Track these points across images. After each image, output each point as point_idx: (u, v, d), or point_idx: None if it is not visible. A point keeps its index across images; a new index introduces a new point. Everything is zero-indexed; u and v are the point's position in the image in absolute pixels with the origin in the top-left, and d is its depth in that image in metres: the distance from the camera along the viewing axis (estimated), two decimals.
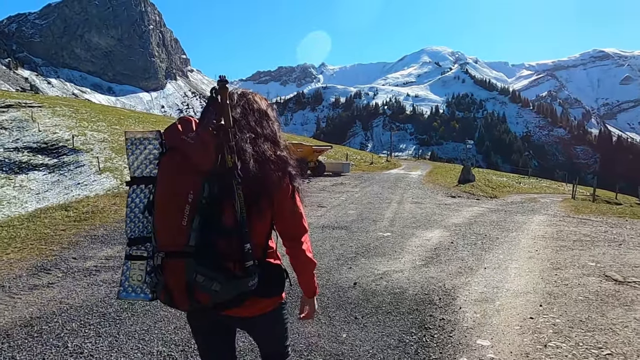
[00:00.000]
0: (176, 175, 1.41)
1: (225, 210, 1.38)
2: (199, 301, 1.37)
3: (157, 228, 1.43)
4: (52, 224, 7.72)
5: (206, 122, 1.45)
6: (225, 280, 1.37)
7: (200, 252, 1.35)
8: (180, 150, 1.42)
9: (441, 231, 7.56)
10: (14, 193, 21.94)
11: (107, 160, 25.08)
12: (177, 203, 1.37)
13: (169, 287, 1.40)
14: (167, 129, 1.50)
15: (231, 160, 1.38)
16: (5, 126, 31.32)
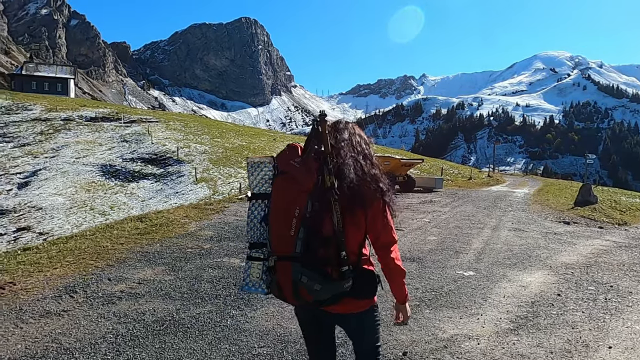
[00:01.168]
0: (286, 194, 1.76)
1: (325, 222, 1.71)
2: (303, 298, 1.73)
3: (271, 236, 1.80)
4: (116, 237, 7.69)
5: (310, 149, 1.80)
6: (324, 282, 1.68)
7: (304, 257, 1.70)
8: (289, 173, 1.78)
9: (545, 274, 5.82)
10: (125, 199, 24.11)
11: (205, 171, 26.48)
12: (286, 217, 1.73)
13: (280, 285, 1.77)
14: (278, 155, 1.85)
15: (329, 181, 1.72)
16: (127, 139, 35.11)
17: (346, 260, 1.71)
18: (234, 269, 5.80)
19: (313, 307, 1.84)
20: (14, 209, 22.79)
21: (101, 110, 45.86)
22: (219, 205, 13.05)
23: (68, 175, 27.23)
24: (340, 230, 1.71)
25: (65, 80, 70.68)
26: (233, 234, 8.25)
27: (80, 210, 22.25)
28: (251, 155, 31.27)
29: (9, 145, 33.42)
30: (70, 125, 38.63)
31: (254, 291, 1.89)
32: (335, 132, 1.90)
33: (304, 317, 2.00)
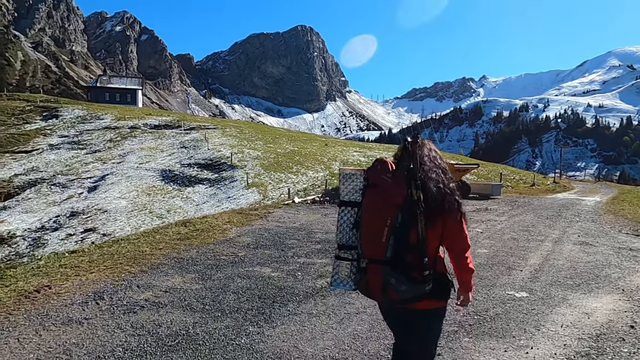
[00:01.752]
0: (378, 205, 2.03)
1: (412, 232, 1.95)
2: (389, 296, 2.01)
3: (362, 241, 2.07)
4: (157, 241, 7.79)
5: (401, 166, 2.05)
6: (410, 284, 1.95)
7: (393, 262, 1.97)
8: (380, 186, 2.05)
9: (615, 299, 4.98)
10: (181, 203, 25.05)
11: (256, 176, 26.89)
12: (379, 226, 1.99)
13: (369, 284, 2.05)
14: (369, 169, 2.14)
15: (416, 195, 1.96)
16: (186, 145, 36.65)
17: (427, 265, 1.99)
18: (263, 279, 5.57)
19: (395, 305, 2.13)
20: (82, 211, 24.43)
21: (164, 119, 48.37)
22: (264, 210, 13.03)
23: (131, 179, 28.82)
24: (423, 238, 1.97)
25: (134, 91, 75.66)
26: (270, 242, 8.06)
27: (140, 213, 23.38)
28: (302, 159, 31.13)
29: (82, 151, 36.08)
30: (135, 133, 41.05)
31: (342, 287, 2.22)
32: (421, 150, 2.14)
33: (386, 311, 2.35)
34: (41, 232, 22.39)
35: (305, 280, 5.53)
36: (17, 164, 32.49)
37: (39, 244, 20.92)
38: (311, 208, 14.54)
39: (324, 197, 16.64)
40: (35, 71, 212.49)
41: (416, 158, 2.04)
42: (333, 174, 28.15)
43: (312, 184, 25.56)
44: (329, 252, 7.29)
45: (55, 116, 46.53)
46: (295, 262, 6.56)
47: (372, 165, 2.16)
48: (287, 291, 5.06)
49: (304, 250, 7.36)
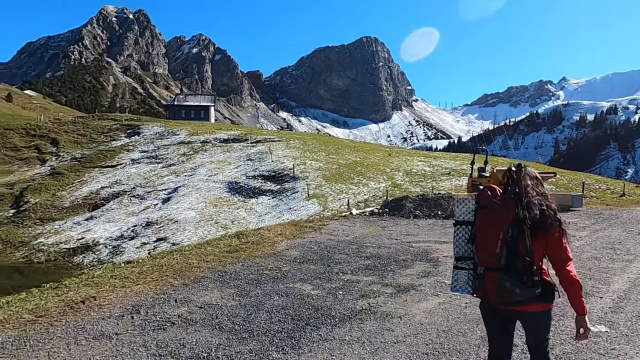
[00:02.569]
0: (491, 223, 2.41)
1: (521, 244, 2.33)
2: (504, 298, 2.36)
3: (479, 253, 2.47)
4: (206, 254, 7.84)
5: (509, 190, 2.43)
6: (522, 287, 2.30)
7: (507, 268, 2.33)
8: (491, 207, 2.43)
9: None
10: (245, 214, 25.73)
11: (317, 188, 26.90)
12: (493, 239, 2.38)
13: (486, 288, 2.43)
14: (479, 193, 2.53)
15: (522, 214, 2.34)
16: (252, 158, 37.85)
17: (536, 272, 2.34)
18: (301, 297, 5.28)
19: (508, 305, 2.44)
20: (156, 221, 25.97)
21: (232, 133, 50.52)
22: (319, 222, 12.80)
23: (201, 191, 30.23)
24: (531, 250, 2.33)
25: (207, 108, 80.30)
26: (318, 256, 7.77)
27: (207, 224, 24.35)
28: (363, 170, 30.58)
29: (159, 165, 38.65)
30: (206, 147, 43.23)
31: (461, 292, 2.63)
32: (522, 177, 2.49)
33: (488, 313, 2.65)
34: (120, 240, 24.13)
35: (345, 301, 5.15)
36: (103, 177, 35.60)
37: (117, 251, 22.54)
38: (369, 220, 14.07)
39: (383, 209, 16.05)
40: (124, 93, 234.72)
41: (521, 184, 2.45)
42: (395, 184, 27.34)
43: (374, 195, 24.98)
44: (377, 268, 6.84)
45: (138, 133, 50.50)
46: (339, 279, 6.20)
47: (481, 191, 2.57)
48: (323, 312, 4.71)
49: (351, 267, 6.97)
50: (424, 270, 6.72)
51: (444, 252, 8.23)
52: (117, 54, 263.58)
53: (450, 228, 12.01)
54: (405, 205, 15.76)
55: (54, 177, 35.57)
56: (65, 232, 26.21)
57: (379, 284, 5.91)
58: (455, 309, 4.87)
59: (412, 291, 5.58)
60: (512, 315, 2.53)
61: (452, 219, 14.40)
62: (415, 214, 15.02)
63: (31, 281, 14.18)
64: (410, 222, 13.38)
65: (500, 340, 2.65)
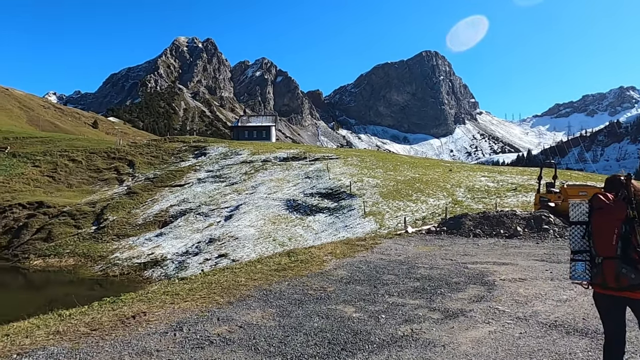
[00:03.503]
0: (606, 222, 2.97)
1: (633, 238, 2.89)
2: (621, 283, 2.87)
3: (597, 245, 3.00)
4: (255, 272, 7.97)
5: (621, 195, 3.01)
6: (637, 273, 2.81)
7: (623, 257, 2.87)
8: (606, 208, 3.00)
9: None
10: (302, 232, 25.99)
11: (374, 205, 26.55)
12: (609, 234, 2.93)
13: (605, 275, 2.92)
14: (593, 198, 3.11)
15: (632, 214, 2.92)
16: (310, 175, 38.37)
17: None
18: (342, 320, 5.14)
19: (621, 292, 2.97)
20: (218, 237, 27.02)
21: (292, 151, 51.70)
22: (372, 241, 12.57)
23: (260, 209, 31.07)
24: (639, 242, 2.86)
25: (268, 128, 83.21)
26: (366, 277, 7.58)
27: (265, 241, 24.89)
28: (422, 186, 29.73)
29: (222, 184, 40.40)
30: (267, 166, 44.55)
31: (579, 279, 3.10)
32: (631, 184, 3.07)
33: (603, 302, 3.14)
34: (185, 256, 25.36)
35: (387, 325, 4.93)
36: (172, 196, 37.85)
37: (182, 266, 23.69)
38: (424, 239, 13.57)
39: (441, 227, 15.41)
40: (193, 116, 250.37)
41: (630, 190, 3.06)
42: (456, 201, 26.23)
43: (432, 212, 24.14)
44: (426, 291, 6.51)
45: (204, 154, 53.37)
46: (384, 301, 5.97)
47: (593, 196, 3.17)
48: (362, 337, 4.54)
49: (398, 288, 6.71)
50: (477, 295, 6.28)
51: (502, 274, 7.66)
52: (188, 81, 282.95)
53: (512, 249, 11.24)
54: (464, 223, 15.01)
55: (129, 196, 38.47)
56: (138, 248, 28.07)
57: (426, 308, 5.61)
58: (507, 339, 4.46)
59: (461, 317, 5.22)
60: (624, 302, 3.05)
61: (516, 237, 13.48)
62: (475, 232, 14.24)
63: (109, 293, 15.34)
64: (469, 242, 12.71)
65: (615, 325, 3.16)
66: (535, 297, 6.12)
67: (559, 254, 10.08)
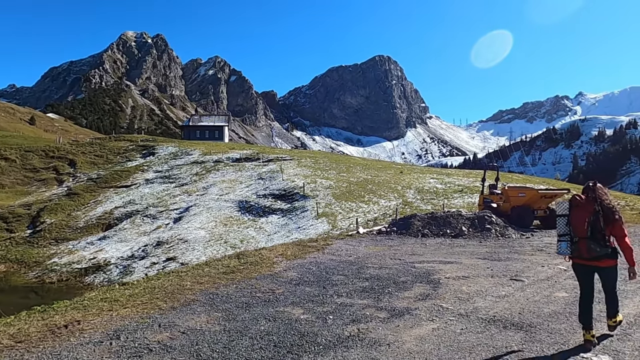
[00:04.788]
0: (581, 214, 4.35)
1: (598, 224, 4.25)
2: (593, 254, 4.25)
3: (574, 229, 4.39)
4: (202, 275, 7.71)
5: (590, 196, 4.43)
6: (601, 248, 4.22)
7: (592, 237, 4.25)
8: (580, 206, 4.40)
9: None
10: (254, 234, 25.61)
11: (327, 206, 26.68)
12: (582, 222, 4.31)
13: (580, 249, 4.32)
14: (572, 198, 4.55)
15: (597, 208, 4.30)
16: (263, 176, 37.93)
17: (607, 240, 4.22)
18: (289, 322, 5.07)
19: (591, 262, 4.36)
20: (167, 240, 26.03)
21: (245, 152, 50.92)
22: (323, 242, 12.59)
23: (211, 210, 30.30)
24: (603, 227, 4.22)
25: (220, 128, 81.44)
26: (316, 278, 7.56)
27: (217, 243, 24.29)
28: (374, 188, 30.19)
29: (172, 185, 39.00)
30: (219, 166, 43.55)
31: (564, 254, 4.49)
32: (598, 188, 4.49)
33: (579, 269, 4.54)
34: (131, 260, 24.20)
35: (334, 326, 4.93)
36: (117, 197, 36.02)
37: (127, 271, 22.57)
38: (375, 239, 13.80)
39: (391, 228, 15.74)
40: (142, 115, 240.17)
41: (596, 193, 4.46)
42: (406, 202, 26.95)
43: (384, 213, 24.64)
44: (374, 291, 6.59)
45: (152, 153, 51.31)
46: (332, 302, 5.98)
47: (572, 198, 4.58)
48: (309, 339, 4.50)
49: (347, 289, 6.74)
50: (422, 293, 6.44)
51: (447, 273, 7.92)
52: (136, 77, 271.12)
53: (457, 248, 11.68)
54: (413, 224, 15.42)
55: (70, 198, 36.18)
56: (79, 252, 26.43)
57: (373, 308, 5.67)
58: (449, 336, 4.60)
59: (407, 315, 5.32)
60: (593, 269, 4.46)
61: (461, 237, 14.04)
62: (423, 232, 14.68)
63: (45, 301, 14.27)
64: (418, 241, 13.06)
65: (587, 285, 4.55)
66: (476, 294, 6.36)
67: (499, 252, 10.59)
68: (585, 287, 4.53)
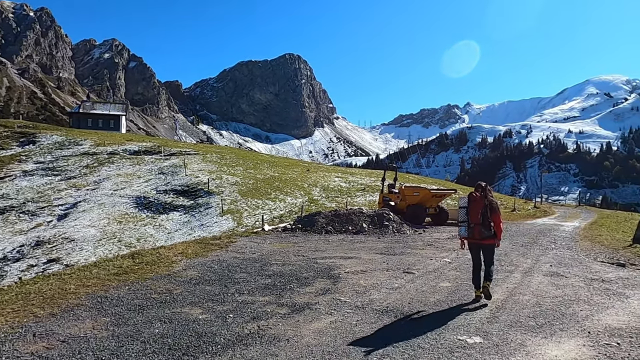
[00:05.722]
0: (476, 207, 6.27)
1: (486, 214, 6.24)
2: (483, 236, 6.25)
3: (471, 218, 6.31)
4: (89, 277, 7.05)
5: (482, 193, 6.37)
6: (488, 231, 6.21)
7: (483, 224, 6.21)
8: (475, 201, 6.33)
9: (579, 345, 4.40)
10: (153, 231, 24.07)
11: (232, 203, 26.12)
12: (477, 212, 6.25)
13: (474, 232, 6.30)
14: (469, 195, 6.57)
15: (486, 203, 6.25)
16: (164, 171, 35.79)
17: (491, 226, 6.20)
18: (186, 323, 4.87)
19: (481, 241, 6.28)
20: (49, 240, 23.31)
21: (144, 144, 47.61)
22: (227, 240, 12.31)
23: (104, 207, 27.81)
24: (490, 216, 6.17)
25: (117, 117, 74.94)
26: (217, 276, 7.37)
27: (109, 242, 22.38)
28: (281, 185, 30.30)
29: (56, 178, 34.94)
30: (114, 159, 40.14)
31: (463, 236, 6.42)
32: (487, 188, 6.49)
33: (473, 247, 6.41)
34: (2, 262, 21.21)
35: (234, 325, 4.85)
36: None
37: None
38: (280, 236, 13.87)
39: (296, 225, 15.95)
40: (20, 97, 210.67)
41: (486, 191, 6.35)
42: (312, 199, 27.54)
43: (290, 210, 24.88)
44: (276, 287, 6.63)
45: (33, 142, 45.47)
46: (233, 300, 5.88)
47: (470, 195, 6.48)
48: (207, 339, 4.37)
49: (249, 286, 6.68)
50: (323, 288, 6.65)
51: (347, 267, 8.28)
52: (14, 54, 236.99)
53: (358, 243, 12.28)
54: (318, 221, 15.83)
55: None
56: None
57: (275, 304, 5.71)
58: (345, 328, 4.82)
59: (307, 310, 5.45)
60: (481, 246, 6.26)
61: (362, 233, 14.78)
62: (327, 229, 15.14)
63: None
64: (322, 238, 13.43)
65: (477, 257, 6.31)
66: (372, 287, 6.75)
67: (395, 247, 11.36)
68: (476, 260, 6.35)
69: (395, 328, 4.84)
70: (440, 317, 5.25)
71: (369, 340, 4.44)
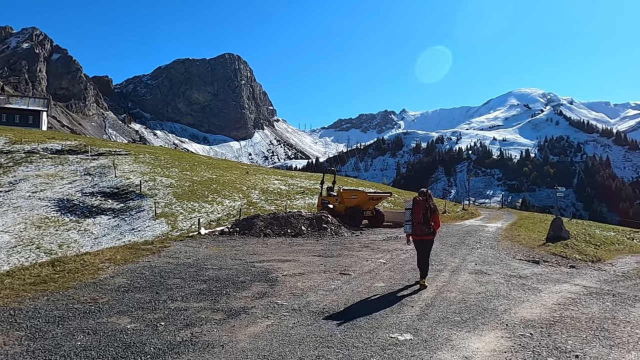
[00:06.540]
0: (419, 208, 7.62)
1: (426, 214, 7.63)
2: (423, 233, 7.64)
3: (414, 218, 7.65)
4: (1, 288, 6.39)
5: (424, 197, 7.80)
6: (428, 229, 7.62)
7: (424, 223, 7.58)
8: (418, 204, 7.70)
9: (497, 337, 4.77)
10: (77, 237, 22.41)
11: (167, 206, 25.04)
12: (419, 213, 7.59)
13: (417, 230, 7.66)
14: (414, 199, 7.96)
15: (428, 206, 7.69)
16: (91, 172, 33.48)
17: (431, 225, 7.64)
18: (112, 334, 4.59)
19: (422, 237, 7.67)
20: None
21: (69, 143, 44.30)
22: (160, 244, 11.78)
23: (20, 210, 25.46)
24: (430, 216, 7.61)
25: (37, 113, 68.94)
26: (148, 282, 7.02)
27: (25, 249, 20.51)
28: (219, 188, 29.56)
29: None
30: (32, 158, 36.90)
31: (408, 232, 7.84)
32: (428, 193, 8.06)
33: (417, 242, 7.78)
34: None
35: (165, 332, 4.66)
36: None
37: None
38: (217, 240, 13.53)
39: (234, 228, 15.65)
40: None
41: (427, 196, 7.82)
42: (251, 202, 27.19)
43: (228, 213, 24.37)
44: (212, 293, 6.46)
45: None
46: (165, 307, 5.64)
47: (414, 198, 7.85)
48: (135, 349, 4.16)
49: (183, 292, 6.45)
50: (260, 292, 6.59)
51: (284, 270, 8.27)
52: None
53: (297, 246, 12.31)
54: (256, 224, 15.64)
55: None
56: None
57: (210, 310, 5.56)
58: (281, 331, 4.81)
59: (243, 315, 5.37)
60: (423, 241, 7.58)
61: (300, 236, 14.84)
62: (265, 232, 15.01)
63: None
64: (260, 241, 13.30)
65: (421, 252, 7.56)
66: (309, 289, 6.81)
67: (332, 249, 11.54)
68: (421, 253, 7.66)
69: (331, 329, 4.92)
70: (374, 316, 5.42)
71: (305, 343, 4.47)
